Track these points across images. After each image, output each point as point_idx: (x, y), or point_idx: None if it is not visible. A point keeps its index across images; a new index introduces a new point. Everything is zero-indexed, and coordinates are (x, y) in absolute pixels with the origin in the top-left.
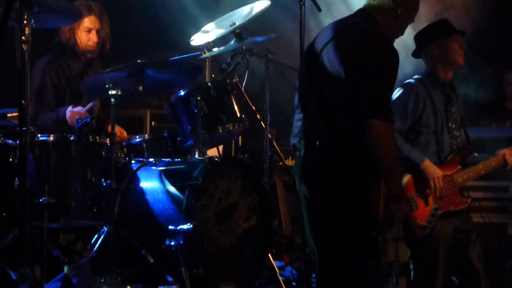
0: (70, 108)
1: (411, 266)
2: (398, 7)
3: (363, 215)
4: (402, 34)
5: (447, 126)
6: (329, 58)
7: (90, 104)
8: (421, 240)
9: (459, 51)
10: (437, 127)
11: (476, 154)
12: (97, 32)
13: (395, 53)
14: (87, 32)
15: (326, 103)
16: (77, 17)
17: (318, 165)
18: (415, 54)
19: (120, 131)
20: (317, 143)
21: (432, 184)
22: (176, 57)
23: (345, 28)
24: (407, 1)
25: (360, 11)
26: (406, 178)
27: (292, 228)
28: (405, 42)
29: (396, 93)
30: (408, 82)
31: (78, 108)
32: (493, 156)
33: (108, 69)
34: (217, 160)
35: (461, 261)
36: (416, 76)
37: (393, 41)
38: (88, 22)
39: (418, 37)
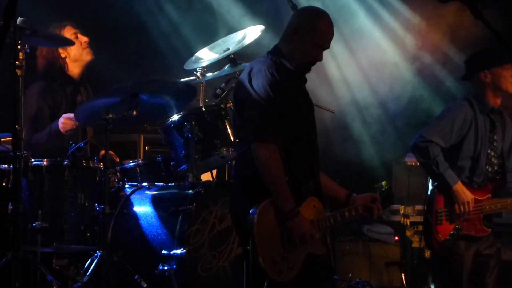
0: (62, 116)
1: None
2: (292, 31)
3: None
4: (311, 57)
5: (486, 153)
6: (233, 95)
7: None
8: (445, 260)
9: (510, 79)
10: (475, 153)
11: None
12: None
13: (272, 78)
14: (73, 62)
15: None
16: (69, 42)
17: (232, 191)
18: (464, 77)
19: (112, 155)
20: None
21: (461, 207)
22: (170, 82)
23: (247, 68)
24: (300, 25)
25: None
26: (439, 192)
27: None
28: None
29: (445, 110)
30: (459, 103)
31: (70, 114)
32: None
33: (102, 93)
34: (210, 185)
35: (477, 286)
36: (465, 98)
37: (300, 69)
38: (75, 52)
39: (469, 62)
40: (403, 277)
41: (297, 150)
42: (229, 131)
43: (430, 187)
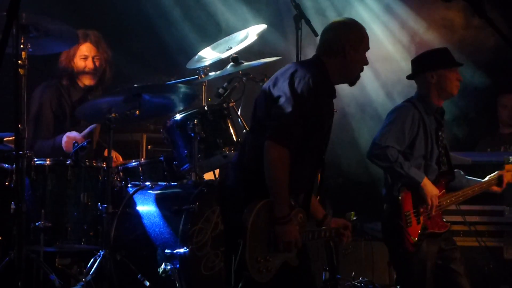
0: (66, 135)
1: None
2: (344, 46)
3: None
4: (357, 73)
5: (438, 151)
6: (264, 86)
7: (87, 130)
8: (408, 260)
9: (455, 82)
10: (427, 152)
11: (469, 178)
12: (93, 58)
13: (313, 88)
14: (83, 59)
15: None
16: (74, 41)
17: (225, 178)
18: (410, 77)
19: (115, 156)
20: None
21: (429, 201)
22: (172, 82)
23: (289, 67)
24: (350, 39)
25: (313, 56)
26: (404, 194)
27: None
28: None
29: (391, 115)
30: (403, 105)
31: (74, 134)
32: (479, 182)
33: (105, 94)
34: (213, 184)
35: (447, 280)
36: (408, 100)
37: (352, 80)
38: (84, 49)
39: (416, 62)
40: None
41: (305, 163)
42: (231, 130)
43: (384, 192)
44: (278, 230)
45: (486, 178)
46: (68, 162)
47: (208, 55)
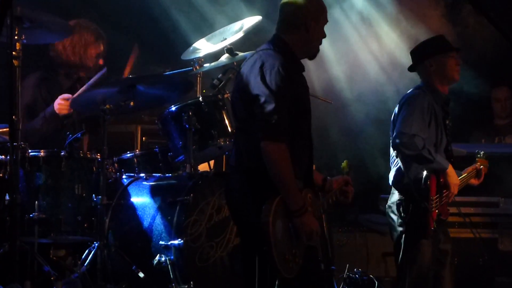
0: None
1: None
2: (306, 18)
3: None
4: (317, 48)
5: (446, 140)
6: (236, 84)
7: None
8: (420, 246)
9: (455, 67)
10: (437, 140)
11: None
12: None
13: (285, 75)
14: (95, 58)
15: (236, 126)
16: (67, 33)
17: (230, 182)
18: (411, 68)
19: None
20: (230, 163)
21: (452, 189)
22: (167, 73)
23: (252, 55)
24: (311, 10)
25: (273, 36)
26: (432, 180)
27: None
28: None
29: (408, 103)
30: (416, 93)
31: (67, 95)
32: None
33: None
34: (208, 176)
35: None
36: (417, 88)
37: (312, 54)
38: (101, 48)
39: (414, 52)
40: None
41: (299, 145)
42: (226, 122)
43: (394, 180)
44: (297, 223)
45: (464, 172)
46: (62, 153)
47: (203, 46)
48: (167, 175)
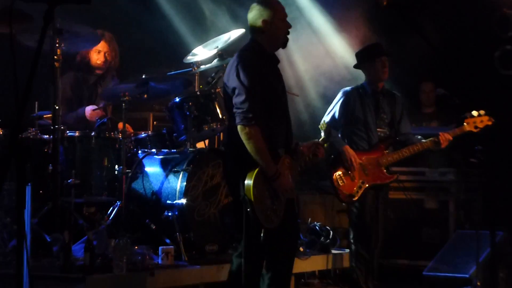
0: (89, 107)
1: (351, 230)
2: (261, 24)
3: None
4: (283, 38)
5: (376, 125)
6: (224, 81)
7: (101, 105)
8: (351, 208)
9: (382, 69)
10: (367, 122)
11: (421, 138)
12: (105, 54)
13: (254, 71)
14: (97, 53)
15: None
16: (96, 41)
17: (225, 156)
18: (356, 66)
19: (128, 128)
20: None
21: (348, 162)
22: (172, 72)
23: (234, 56)
24: (263, 15)
25: (249, 39)
26: (335, 159)
27: None
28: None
29: (338, 97)
30: (345, 90)
31: (91, 107)
32: (422, 142)
33: (121, 82)
34: (204, 151)
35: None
36: (356, 85)
37: (282, 45)
38: (99, 45)
39: (356, 56)
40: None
41: (275, 124)
42: (218, 110)
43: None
44: (275, 184)
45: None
46: (92, 134)
47: (200, 52)
48: (172, 150)
